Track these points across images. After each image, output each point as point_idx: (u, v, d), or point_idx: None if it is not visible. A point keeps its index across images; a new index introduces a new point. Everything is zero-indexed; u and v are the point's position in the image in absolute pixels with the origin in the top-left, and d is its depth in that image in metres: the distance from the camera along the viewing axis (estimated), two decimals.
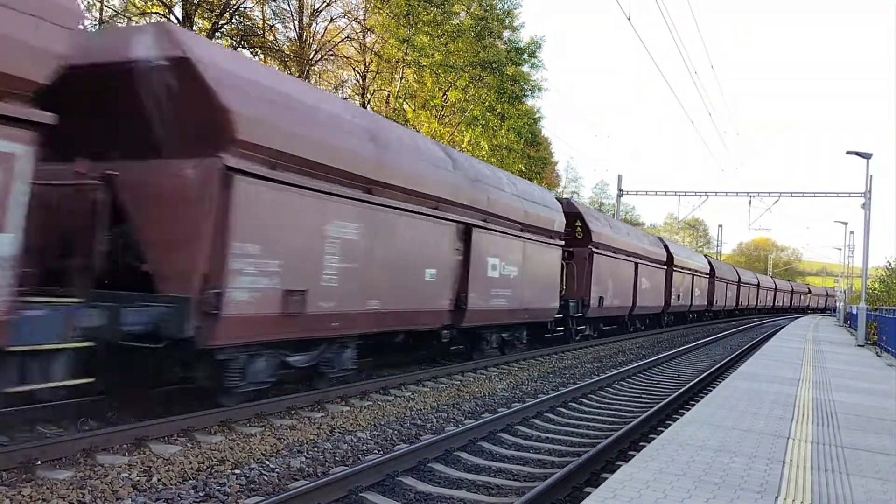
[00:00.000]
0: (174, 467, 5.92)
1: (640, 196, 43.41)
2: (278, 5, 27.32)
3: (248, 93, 7.52)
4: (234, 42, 24.66)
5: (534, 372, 13.58)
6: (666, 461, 5.63)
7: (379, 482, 5.96)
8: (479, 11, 32.73)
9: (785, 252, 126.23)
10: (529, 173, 35.15)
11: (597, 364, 15.85)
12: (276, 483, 5.84)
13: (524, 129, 34.41)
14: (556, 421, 9.32)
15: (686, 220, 76.96)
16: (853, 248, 59.89)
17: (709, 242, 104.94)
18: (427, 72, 30.57)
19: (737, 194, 38.08)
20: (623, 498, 4.59)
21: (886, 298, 30.21)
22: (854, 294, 53.17)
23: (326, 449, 6.93)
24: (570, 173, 77.22)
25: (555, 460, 7.25)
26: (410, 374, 11.26)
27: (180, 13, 22.65)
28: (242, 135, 7.27)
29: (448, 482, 6.26)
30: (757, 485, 5.15)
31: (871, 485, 5.45)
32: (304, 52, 27.05)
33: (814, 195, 35.61)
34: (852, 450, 6.67)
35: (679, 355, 19.11)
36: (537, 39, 35.07)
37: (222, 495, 5.43)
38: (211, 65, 7.18)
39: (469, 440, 7.52)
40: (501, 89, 32.22)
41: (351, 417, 8.28)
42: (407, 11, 28.90)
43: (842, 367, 15.07)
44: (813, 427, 7.65)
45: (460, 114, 32.51)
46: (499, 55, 32.09)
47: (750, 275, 56.06)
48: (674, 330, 31.53)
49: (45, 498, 5.01)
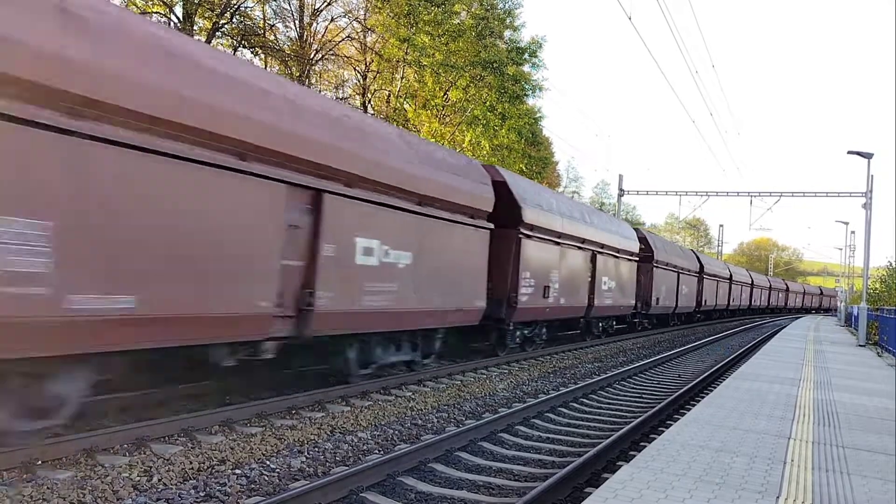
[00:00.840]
0: (175, 467, 5.92)
1: (640, 196, 43.49)
2: (279, 5, 27.37)
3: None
4: (234, 42, 24.67)
5: (534, 372, 13.58)
6: (667, 461, 5.63)
7: (379, 482, 5.96)
8: (479, 11, 32.73)
9: (786, 252, 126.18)
10: (530, 173, 35.14)
11: (597, 364, 15.84)
12: (276, 483, 5.84)
13: (525, 129, 34.41)
14: (556, 421, 9.31)
15: (687, 220, 76.96)
16: (854, 248, 59.92)
17: (710, 242, 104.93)
18: (428, 71, 30.55)
19: (738, 194, 38.03)
20: (624, 498, 4.58)
21: (887, 298, 30.14)
22: (855, 294, 53.11)
23: (327, 449, 6.92)
24: (570, 173, 77.21)
25: (555, 460, 7.25)
26: (411, 375, 11.25)
27: (181, 13, 22.67)
28: None
29: (449, 482, 6.25)
30: (758, 485, 5.15)
31: (872, 485, 5.44)
32: (305, 52, 27.05)
33: (815, 195, 35.55)
34: (853, 450, 6.67)
35: (680, 355, 19.10)
36: (538, 39, 35.11)
37: (223, 495, 5.43)
38: None
39: (470, 440, 7.52)
40: (502, 89, 32.21)
41: (352, 417, 8.28)
42: (408, 11, 28.89)
43: (843, 368, 15.05)
44: (814, 427, 7.64)
45: (461, 113, 32.50)
46: (500, 55, 32.08)
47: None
48: (676, 330, 31.52)
49: (46, 498, 5.01)
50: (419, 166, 10.47)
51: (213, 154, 6.75)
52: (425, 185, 10.55)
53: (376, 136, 9.67)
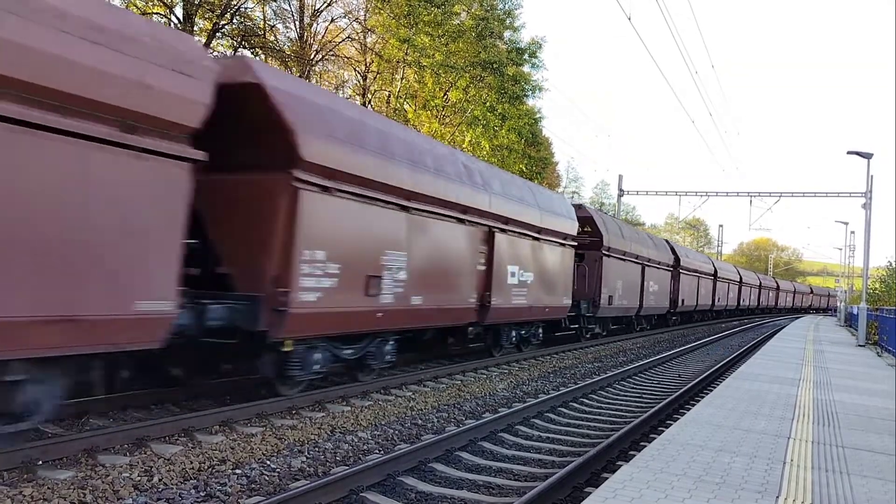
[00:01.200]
0: (175, 467, 5.92)
1: (640, 196, 43.43)
2: (279, 6, 27.34)
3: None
4: (234, 42, 24.68)
5: (534, 372, 13.58)
6: (667, 461, 5.64)
7: (380, 482, 5.96)
8: (479, 12, 32.71)
9: (785, 252, 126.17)
10: (530, 173, 35.15)
11: (597, 364, 15.85)
12: (276, 483, 5.84)
13: (525, 130, 34.40)
14: (556, 421, 9.32)
15: (687, 220, 76.95)
16: (854, 248, 59.92)
17: (709, 242, 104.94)
18: (428, 72, 30.56)
19: (737, 194, 38.06)
20: (624, 498, 4.59)
21: (887, 298, 30.15)
22: (855, 294, 53.08)
23: (327, 449, 6.93)
24: (570, 173, 77.21)
25: (555, 460, 7.25)
26: (411, 374, 11.26)
27: (181, 13, 22.67)
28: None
29: (449, 482, 6.26)
30: (758, 485, 5.16)
31: (872, 485, 5.45)
32: (305, 53, 27.05)
33: (814, 195, 35.58)
34: (853, 450, 6.67)
35: (679, 355, 19.11)
36: (538, 40, 35.10)
37: (223, 495, 5.43)
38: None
39: (470, 440, 7.53)
40: (502, 89, 32.21)
41: (352, 417, 8.29)
42: (408, 12, 28.89)
43: (842, 368, 15.06)
44: (814, 427, 7.65)
45: (461, 114, 32.51)
46: (499, 55, 32.08)
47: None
48: (676, 330, 31.51)
49: (47, 498, 5.02)
50: (538, 211, 15.20)
51: (444, 213, 11.27)
52: (540, 221, 15.25)
53: (518, 189, 14.56)
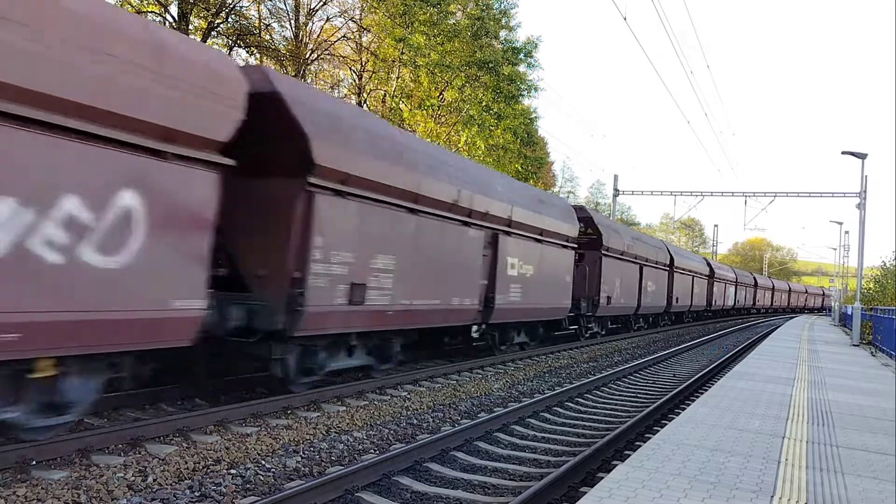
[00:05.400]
0: (170, 467, 5.90)
1: (636, 196, 43.53)
2: (274, 5, 27.31)
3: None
4: (230, 41, 24.62)
5: (530, 371, 13.59)
6: (662, 461, 5.64)
7: (375, 482, 5.96)
8: (475, 11, 32.70)
9: (780, 252, 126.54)
10: (526, 173, 35.16)
11: (592, 364, 15.86)
12: (271, 483, 5.83)
13: (520, 129, 34.38)
14: (552, 420, 9.32)
15: (682, 220, 77.01)
16: (848, 248, 60.09)
17: (704, 242, 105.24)
18: (423, 71, 30.52)
19: (732, 194, 38.16)
20: (619, 497, 4.59)
21: (881, 298, 30.24)
22: (849, 294, 53.22)
23: (322, 449, 6.92)
24: (566, 173, 77.31)
25: (551, 460, 7.26)
26: (407, 374, 11.26)
27: (176, 12, 22.60)
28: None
29: (444, 482, 6.26)
30: (753, 484, 5.17)
31: (867, 484, 5.46)
32: (301, 52, 27.00)
33: (809, 195, 35.70)
34: (848, 449, 6.69)
35: (674, 355, 19.15)
36: (534, 39, 35.09)
37: (218, 495, 5.42)
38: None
39: (465, 440, 7.52)
40: (498, 89, 32.19)
41: (347, 417, 8.27)
42: (403, 11, 28.86)
43: (837, 367, 15.11)
44: (808, 426, 7.67)
45: (457, 113, 32.49)
46: (495, 55, 32.06)
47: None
48: (670, 330, 31.57)
49: (41, 498, 4.99)
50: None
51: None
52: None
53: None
